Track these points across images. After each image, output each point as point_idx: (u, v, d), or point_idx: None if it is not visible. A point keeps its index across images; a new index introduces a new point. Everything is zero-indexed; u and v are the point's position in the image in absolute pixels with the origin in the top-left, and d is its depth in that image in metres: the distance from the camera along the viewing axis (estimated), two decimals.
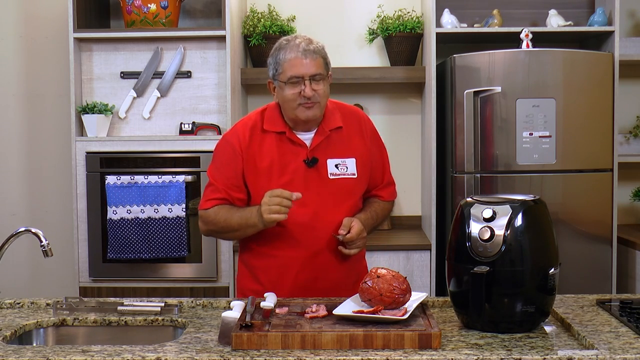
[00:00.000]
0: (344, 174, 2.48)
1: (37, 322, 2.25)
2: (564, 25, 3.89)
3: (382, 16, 4.14)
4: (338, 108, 2.55)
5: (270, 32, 4.00)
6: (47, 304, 2.39)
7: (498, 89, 3.62)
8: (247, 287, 2.55)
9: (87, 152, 3.75)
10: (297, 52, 2.37)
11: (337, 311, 2.06)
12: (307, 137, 2.48)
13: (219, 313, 2.27)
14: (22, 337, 2.20)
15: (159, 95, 3.83)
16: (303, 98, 2.37)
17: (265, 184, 2.43)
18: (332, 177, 2.47)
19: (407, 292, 2.11)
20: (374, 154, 2.57)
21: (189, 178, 3.71)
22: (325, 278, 2.45)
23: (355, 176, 2.50)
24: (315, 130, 2.48)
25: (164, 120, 3.85)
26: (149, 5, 3.78)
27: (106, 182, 3.70)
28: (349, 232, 2.42)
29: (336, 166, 2.48)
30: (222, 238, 2.71)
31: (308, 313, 2.10)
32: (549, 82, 3.65)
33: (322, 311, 2.10)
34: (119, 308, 2.29)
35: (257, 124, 2.49)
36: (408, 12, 4.13)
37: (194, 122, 3.80)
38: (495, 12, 3.94)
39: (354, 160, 2.50)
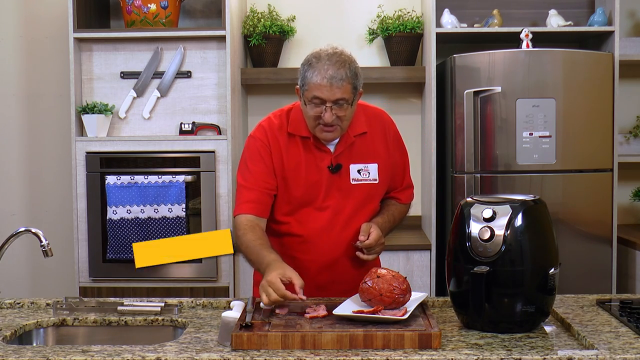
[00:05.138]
0: (366, 180, 2.47)
1: (37, 322, 2.25)
2: (564, 25, 3.89)
3: (382, 16, 4.14)
4: (363, 111, 2.52)
5: (270, 32, 4.00)
6: (47, 304, 2.39)
7: (498, 89, 3.62)
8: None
9: (87, 152, 3.75)
10: (324, 78, 2.28)
11: (337, 311, 2.07)
12: (331, 143, 2.45)
13: (219, 313, 2.27)
14: (22, 337, 2.20)
15: (159, 95, 3.83)
16: (323, 121, 2.33)
17: (291, 186, 2.43)
18: (354, 182, 2.46)
19: (407, 292, 2.11)
20: (395, 157, 2.56)
21: (189, 178, 3.71)
22: (342, 281, 2.45)
23: (377, 182, 2.49)
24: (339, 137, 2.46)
25: (164, 120, 3.85)
26: (149, 5, 3.78)
27: (106, 182, 3.70)
28: (367, 238, 2.40)
29: (358, 171, 2.47)
30: None
31: (308, 313, 2.10)
32: (549, 82, 3.65)
33: (322, 311, 2.10)
34: (119, 308, 2.29)
35: (282, 125, 2.45)
36: (408, 12, 4.13)
37: (194, 122, 3.80)
38: (495, 12, 3.94)
39: (376, 165, 2.49)
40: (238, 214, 2.43)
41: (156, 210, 3.67)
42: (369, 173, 2.48)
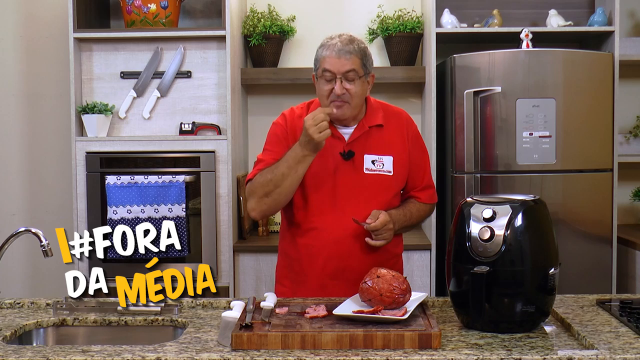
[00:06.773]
0: (380, 170, 2.53)
1: (37, 322, 2.25)
2: (564, 25, 3.89)
3: (382, 16, 4.14)
4: (382, 108, 2.62)
5: (270, 32, 4.00)
6: (47, 304, 2.40)
7: (498, 89, 3.62)
8: (283, 274, 2.64)
9: (87, 152, 3.75)
10: (333, 51, 2.44)
11: (337, 311, 2.06)
12: (346, 132, 2.54)
13: (219, 313, 2.27)
14: (22, 337, 2.20)
15: (159, 95, 3.83)
16: (334, 95, 2.44)
17: None
18: (367, 172, 2.52)
19: (407, 292, 2.11)
20: (414, 155, 2.61)
21: (189, 178, 3.71)
22: (353, 269, 2.48)
23: (391, 174, 2.54)
24: (355, 126, 2.54)
25: (164, 120, 3.85)
26: (149, 5, 3.78)
27: (106, 182, 3.70)
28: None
29: (372, 162, 2.53)
30: (276, 203, 2.49)
31: (308, 313, 2.10)
32: (549, 82, 3.65)
33: (322, 311, 2.10)
34: (119, 308, 2.29)
35: (302, 114, 2.56)
36: (408, 12, 4.13)
37: (194, 122, 3.80)
38: (495, 12, 3.94)
39: (391, 158, 2.54)
40: (250, 179, 2.51)
41: (156, 210, 3.67)
42: (383, 164, 2.54)
